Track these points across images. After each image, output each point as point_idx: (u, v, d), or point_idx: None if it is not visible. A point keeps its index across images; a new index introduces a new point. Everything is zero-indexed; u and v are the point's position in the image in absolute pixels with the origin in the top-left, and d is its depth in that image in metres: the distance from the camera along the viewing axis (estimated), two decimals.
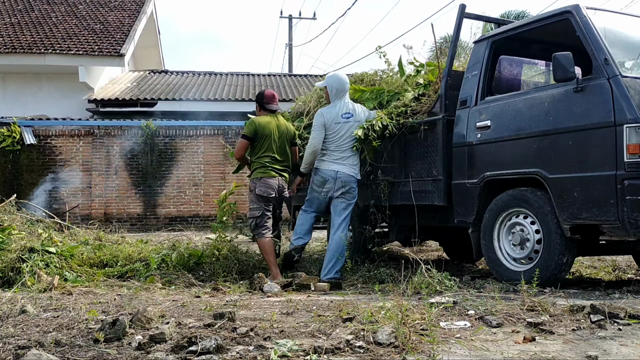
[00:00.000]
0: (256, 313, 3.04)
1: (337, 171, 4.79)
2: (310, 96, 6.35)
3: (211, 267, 4.91)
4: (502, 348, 2.23)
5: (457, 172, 4.51)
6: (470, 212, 4.40)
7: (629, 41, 4.19)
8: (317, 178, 4.87)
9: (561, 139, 3.77)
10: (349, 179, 4.81)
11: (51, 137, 12.18)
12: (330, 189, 4.80)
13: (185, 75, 17.50)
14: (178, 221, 12.13)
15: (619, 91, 3.49)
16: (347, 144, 4.84)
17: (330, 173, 4.80)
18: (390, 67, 5.67)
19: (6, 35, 14.35)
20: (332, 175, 4.79)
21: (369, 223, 5.41)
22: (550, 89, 3.98)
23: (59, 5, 16.55)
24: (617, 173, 3.45)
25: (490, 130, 4.26)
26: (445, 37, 16.05)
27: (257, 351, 2.16)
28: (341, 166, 4.81)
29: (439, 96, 4.72)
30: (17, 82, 14.53)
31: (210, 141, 12.62)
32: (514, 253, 4.11)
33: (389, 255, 6.31)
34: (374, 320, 2.51)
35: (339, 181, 4.77)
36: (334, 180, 4.78)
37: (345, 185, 4.79)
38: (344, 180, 4.78)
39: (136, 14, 16.18)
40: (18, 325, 2.70)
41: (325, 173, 4.81)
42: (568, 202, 3.70)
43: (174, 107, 14.11)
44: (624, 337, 2.40)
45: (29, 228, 5.50)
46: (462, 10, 4.76)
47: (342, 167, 4.81)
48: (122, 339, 2.34)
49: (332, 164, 4.82)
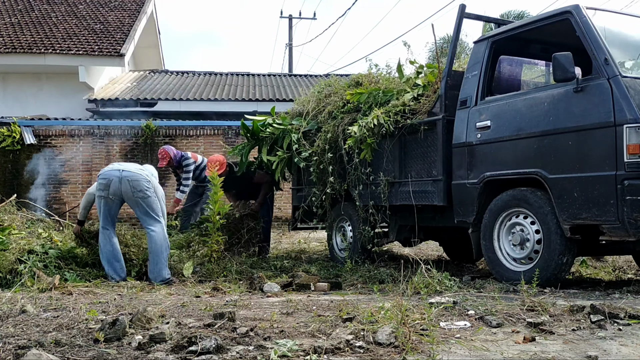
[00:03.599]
0: (256, 313, 3.04)
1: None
2: (310, 96, 6.35)
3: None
4: (502, 348, 2.23)
5: (457, 172, 4.51)
6: (470, 212, 4.40)
7: (629, 41, 4.19)
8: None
9: (561, 139, 3.77)
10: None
11: (51, 137, 12.17)
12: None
13: (185, 75, 17.49)
14: None
15: (619, 91, 3.49)
16: None
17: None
18: (388, 66, 5.69)
19: (6, 35, 14.35)
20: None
21: (369, 223, 5.42)
22: (550, 89, 3.98)
23: (59, 5, 16.54)
24: (617, 173, 3.45)
25: (490, 130, 4.25)
26: (445, 37, 16.06)
27: (257, 351, 2.15)
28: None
29: (439, 96, 4.72)
30: (17, 82, 14.53)
31: (210, 141, 12.60)
32: (514, 253, 4.11)
33: (389, 255, 6.32)
34: (374, 320, 2.51)
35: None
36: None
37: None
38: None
39: (136, 14, 16.18)
40: (18, 325, 2.70)
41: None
42: (568, 202, 3.69)
43: (174, 107, 14.11)
44: (624, 337, 2.40)
45: (29, 228, 5.49)
46: (462, 10, 4.76)
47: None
48: (122, 339, 2.34)
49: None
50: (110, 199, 4.82)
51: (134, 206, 4.86)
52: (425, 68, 5.36)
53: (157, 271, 4.69)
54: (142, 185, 4.81)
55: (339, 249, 6.08)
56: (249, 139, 6.73)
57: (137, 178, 4.82)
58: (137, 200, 4.80)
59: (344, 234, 5.98)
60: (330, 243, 6.23)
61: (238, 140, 11.82)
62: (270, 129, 6.41)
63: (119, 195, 4.81)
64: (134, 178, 4.80)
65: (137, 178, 4.82)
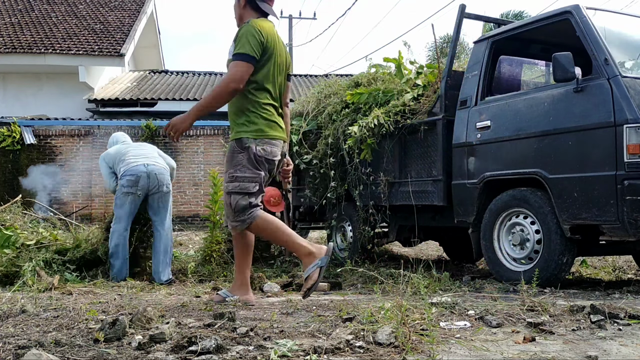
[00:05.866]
0: (256, 313, 3.04)
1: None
2: (310, 97, 6.35)
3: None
4: (502, 348, 2.23)
5: (457, 172, 4.51)
6: (470, 212, 4.40)
7: (629, 41, 4.19)
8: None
9: (561, 139, 3.77)
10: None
11: (51, 137, 12.18)
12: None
13: (185, 75, 17.49)
14: (178, 221, 12.11)
15: (619, 91, 3.49)
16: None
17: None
18: (388, 66, 5.69)
19: (6, 35, 14.35)
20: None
21: (369, 223, 5.42)
22: (550, 89, 3.98)
23: (59, 5, 16.54)
24: (617, 173, 3.45)
25: (490, 130, 4.26)
26: (445, 37, 16.07)
27: (257, 351, 2.15)
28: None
29: (439, 96, 4.72)
30: (17, 82, 14.54)
31: (210, 141, 12.63)
32: (514, 253, 4.11)
33: (389, 255, 6.32)
34: (374, 320, 2.51)
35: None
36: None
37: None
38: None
39: (136, 14, 16.18)
40: (18, 325, 2.70)
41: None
42: (568, 202, 3.69)
43: (174, 107, 14.11)
44: (624, 337, 2.40)
45: (32, 227, 5.48)
46: (462, 10, 4.77)
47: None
48: (122, 339, 2.34)
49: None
50: (138, 196, 4.64)
51: (155, 201, 4.69)
52: (425, 68, 5.37)
53: (163, 271, 4.67)
54: (167, 178, 4.69)
55: (339, 249, 6.08)
56: None
57: (162, 172, 4.68)
58: (160, 194, 4.66)
59: (344, 234, 5.98)
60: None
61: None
62: None
63: (146, 190, 4.64)
64: (160, 172, 4.64)
65: (162, 172, 4.67)
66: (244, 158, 3.25)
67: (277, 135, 3.35)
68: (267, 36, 3.25)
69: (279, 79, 3.41)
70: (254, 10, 3.39)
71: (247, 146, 3.24)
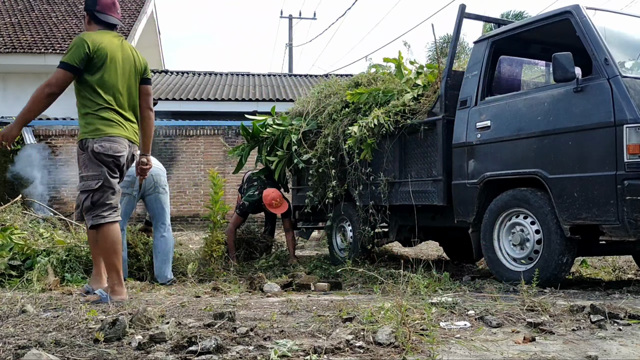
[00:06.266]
0: (256, 313, 3.04)
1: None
2: (310, 97, 6.35)
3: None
4: (502, 348, 2.23)
5: (457, 172, 4.51)
6: (470, 212, 4.40)
7: (629, 41, 4.19)
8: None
9: (561, 139, 3.77)
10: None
11: (51, 137, 12.18)
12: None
13: (185, 75, 17.50)
14: (178, 221, 12.12)
15: (619, 91, 3.49)
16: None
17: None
18: (387, 66, 5.69)
19: (6, 35, 14.35)
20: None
21: (369, 223, 5.42)
22: (550, 89, 3.98)
23: (59, 5, 16.54)
24: (617, 173, 3.45)
25: (490, 130, 4.26)
26: (445, 37, 16.07)
27: (257, 351, 2.15)
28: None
29: (439, 96, 4.72)
30: (18, 82, 14.52)
31: (210, 141, 12.62)
32: (514, 253, 4.11)
33: (388, 255, 6.31)
34: (374, 320, 2.51)
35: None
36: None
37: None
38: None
39: (136, 14, 16.18)
40: (18, 325, 2.70)
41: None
42: (568, 202, 3.70)
43: (174, 107, 14.12)
44: (624, 337, 2.40)
45: (31, 228, 5.48)
46: (462, 11, 4.77)
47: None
48: (122, 339, 2.34)
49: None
50: (134, 197, 4.60)
51: (152, 202, 4.66)
52: (425, 68, 5.37)
53: (163, 271, 4.66)
54: (163, 180, 4.63)
55: (339, 249, 6.08)
56: (249, 141, 6.73)
57: (159, 173, 4.62)
58: (157, 195, 4.62)
59: (344, 234, 5.98)
60: (330, 243, 6.23)
61: (238, 140, 11.82)
62: (270, 129, 6.40)
63: (142, 191, 4.59)
64: (156, 172, 4.57)
65: (158, 173, 4.61)
66: (86, 158, 3.52)
67: (117, 133, 3.53)
68: (97, 46, 3.46)
69: (125, 85, 3.58)
70: (98, 24, 3.65)
71: (87, 146, 3.50)
